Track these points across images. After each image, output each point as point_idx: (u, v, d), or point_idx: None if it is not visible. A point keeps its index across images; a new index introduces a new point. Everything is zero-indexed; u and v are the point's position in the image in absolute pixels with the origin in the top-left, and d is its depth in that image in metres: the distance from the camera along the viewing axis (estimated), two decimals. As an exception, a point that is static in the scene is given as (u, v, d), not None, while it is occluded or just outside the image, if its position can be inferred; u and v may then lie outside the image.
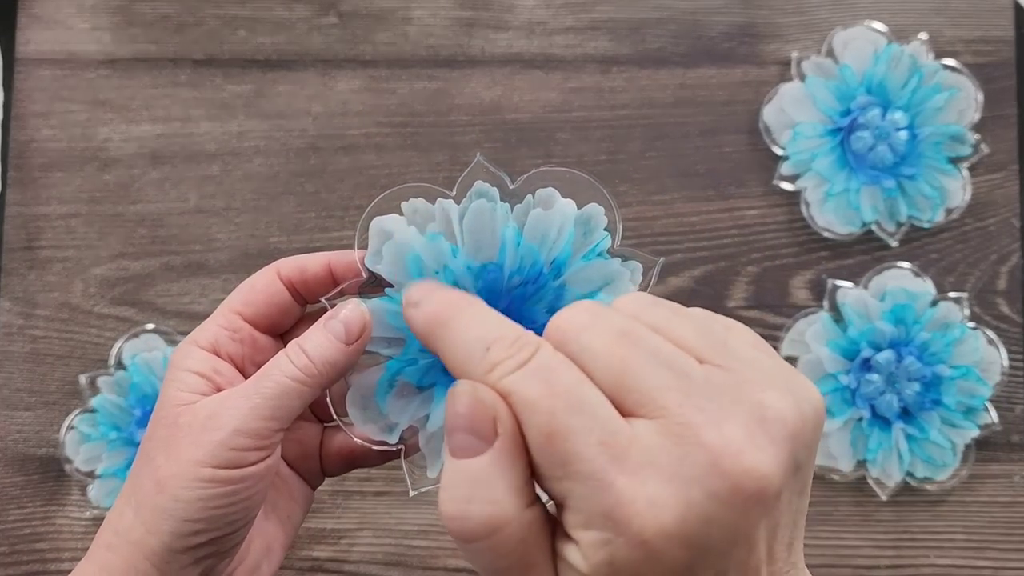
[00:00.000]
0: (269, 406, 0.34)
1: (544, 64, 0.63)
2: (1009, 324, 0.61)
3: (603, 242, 0.37)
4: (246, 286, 0.37)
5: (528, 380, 0.27)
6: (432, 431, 0.37)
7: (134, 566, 0.34)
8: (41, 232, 0.62)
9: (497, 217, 0.36)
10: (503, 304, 0.37)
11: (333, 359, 0.35)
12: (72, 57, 0.63)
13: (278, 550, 0.38)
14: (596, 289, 0.37)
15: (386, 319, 0.36)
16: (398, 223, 0.36)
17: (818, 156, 0.60)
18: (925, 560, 0.59)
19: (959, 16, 0.63)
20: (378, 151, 0.62)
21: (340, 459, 0.40)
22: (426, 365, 0.37)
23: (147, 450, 0.35)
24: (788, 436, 0.26)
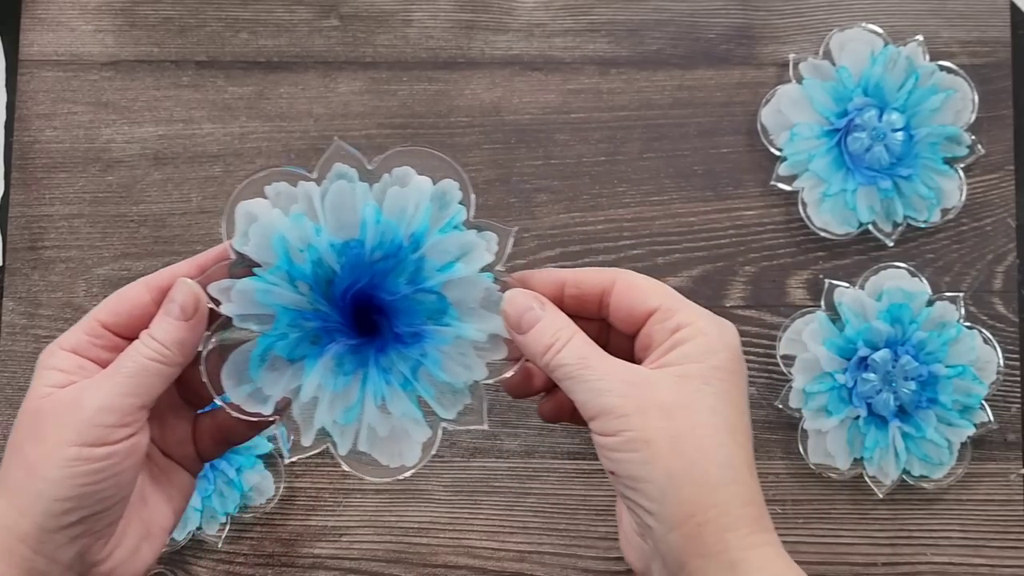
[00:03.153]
0: (130, 383, 0.36)
1: (543, 66, 0.63)
2: (1005, 323, 0.61)
3: (458, 215, 0.39)
4: (114, 297, 0.38)
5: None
6: (305, 401, 0.39)
7: (9, 550, 0.35)
8: (44, 232, 0.62)
9: (357, 196, 0.38)
10: (366, 278, 0.39)
11: (179, 337, 0.37)
12: (75, 59, 0.63)
13: (158, 534, 0.40)
14: (454, 260, 0.39)
15: (256, 297, 0.38)
16: (263, 206, 0.38)
17: (815, 157, 0.60)
18: (922, 558, 0.59)
19: (955, 17, 0.63)
20: (379, 152, 0.62)
21: (213, 441, 0.42)
22: (296, 339, 0.39)
23: (14, 442, 0.36)
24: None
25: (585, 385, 0.36)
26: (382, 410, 0.39)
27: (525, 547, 0.60)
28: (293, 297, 0.38)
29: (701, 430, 0.35)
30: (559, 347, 0.37)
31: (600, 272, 0.39)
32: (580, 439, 0.60)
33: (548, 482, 0.60)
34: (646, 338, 0.38)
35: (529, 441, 0.60)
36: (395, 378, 0.39)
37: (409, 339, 0.39)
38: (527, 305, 0.38)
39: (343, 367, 0.39)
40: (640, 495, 0.35)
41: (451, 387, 0.39)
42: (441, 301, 0.39)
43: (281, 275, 0.38)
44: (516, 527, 0.60)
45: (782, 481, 0.60)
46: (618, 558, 0.59)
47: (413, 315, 0.39)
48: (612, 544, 0.59)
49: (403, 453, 0.40)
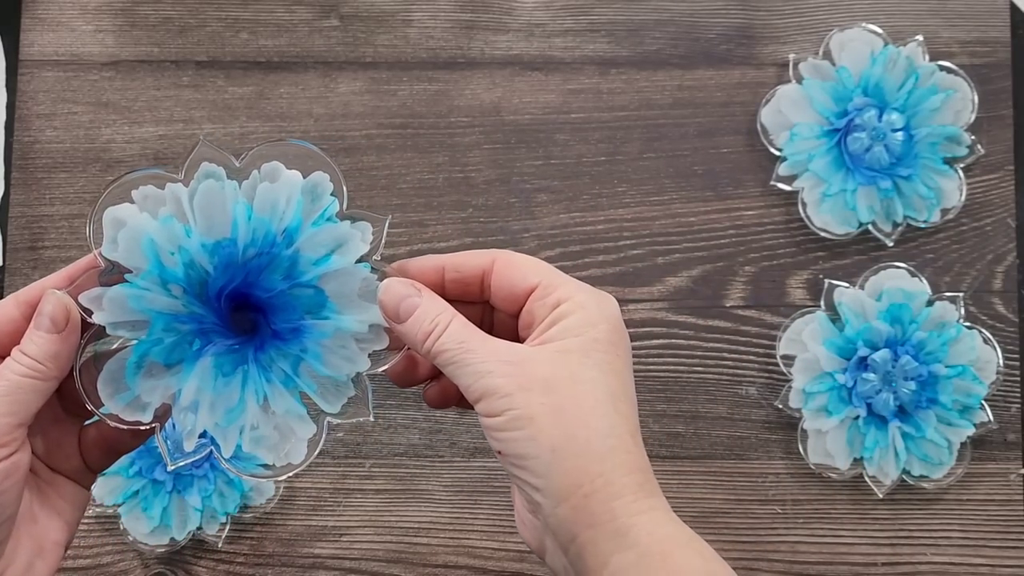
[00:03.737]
0: (5, 402, 0.35)
1: (543, 66, 0.63)
2: (1005, 323, 0.61)
3: (331, 207, 0.39)
4: None
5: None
6: (184, 405, 0.38)
7: None
8: (44, 232, 0.62)
9: (226, 195, 0.38)
10: (240, 276, 0.38)
11: (52, 350, 0.36)
12: (76, 59, 0.63)
13: (52, 549, 0.39)
14: (328, 252, 0.38)
15: (128, 303, 0.37)
16: (130, 211, 0.38)
17: (815, 157, 0.60)
18: (922, 558, 0.60)
19: (955, 18, 0.63)
20: (379, 152, 0.63)
21: (100, 452, 0.41)
22: (172, 343, 0.38)
23: None
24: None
25: (467, 369, 0.36)
26: (264, 409, 0.39)
27: (525, 547, 0.60)
28: (167, 301, 0.37)
29: (582, 401, 0.35)
30: (438, 333, 0.37)
31: (479, 254, 0.39)
32: (580, 439, 0.60)
33: (548, 482, 0.60)
34: (528, 316, 0.38)
35: (529, 441, 0.60)
36: (276, 375, 0.39)
37: (288, 335, 0.39)
38: (403, 293, 0.38)
39: (222, 368, 0.38)
40: (527, 472, 0.35)
41: (334, 381, 0.39)
42: (319, 295, 0.38)
43: (153, 280, 0.37)
44: (516, 527, 0.60)
45: (782, 481, 0.60)
46: (618, 558, 0.59)
47: (291, 311, 0.39)
48: (612, 544, 0.59)
49: (290, 452, 0.39)
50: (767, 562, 0.59)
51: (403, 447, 0.60)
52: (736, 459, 0.60)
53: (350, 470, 0.60)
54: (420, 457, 0.60)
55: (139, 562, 0.59)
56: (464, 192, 0.62)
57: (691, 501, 0.60)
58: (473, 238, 0.62)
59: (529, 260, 0.39)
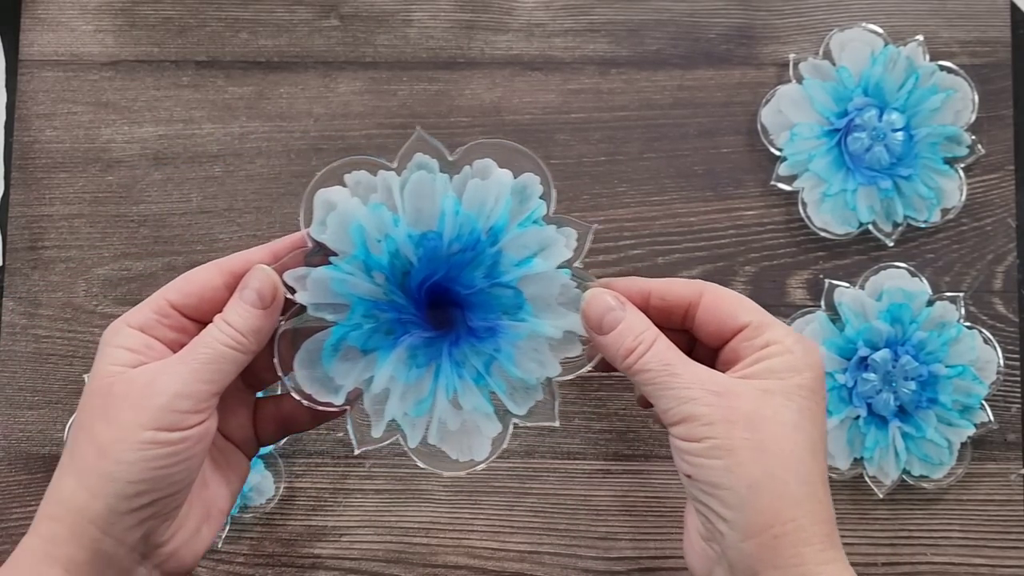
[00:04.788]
0: (207, 370, 0.36)
1: (543, 66, 0.63)
2: (1005, 323, 0.61)
3: (538, 209, 0.39)
4: (184, 278, 0.38)
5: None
6: (376, 392, 0.39)
7: (79, 531, 0.35)
8: (44, 232, 0.62)
9: (437, 187, 0.38)
10: (443, 270, 0.38)
11: (256, 326, 0.37)
12: (75, 59, 0.63)
13: (217, 515, 0.40)
14: (532, 255, 0.38)
15: (331, 286, 0.38)
16: (342, 194, 0.38)
17: (815, 157, 0.60)
18: (922, 558, 0.59)
19: (955, 17, 0.63)
20: (379, 152, 0.63)
21: (274, 425, 0.42)
22: (370, 330, 0.38)
23: (82, 420, 0.36)
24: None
25: (669, 392, 0.36)
26: (453, 404, 0.39)
27: (525, 547, 0.60)
28: (369, 287, 0.38)
29: (784, 444, 0.35)
30: (642, 351, 0.37)
31: (687, 284, 0.39)
32: (580, 439, 0.60)
33: (548, 482, 0.60)
34: (731, 353, 0.38)
35: (529, 441, 0.60)
36: (468, 372, 0.39)
37: (483, 333, 0.39)
38: (608, 305, 0.38)
39: (416, 359, 0.39)
40: (717, 501, 0.35)
41: (523, 383, 0.39)
42: (517, 296, 0.39)
43: (357, 265, 0.38)
44: (516, 527, 0.60)
45: (782, 481, 0.60)
46: (618, 558, 0.59)
47: (488, 309, 0.39)
48: (612, 544, 0.59)
49: (473, 447, 0.39)
50: (767, 562, 0.59)
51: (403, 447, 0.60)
52: (736, 459, 0.60)
53: (350, 470, 0.60)
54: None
55: (139, 562, 0.59)
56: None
57: (691, 501, 0.60)
58: (473, 238, 0.62)
59: (738, 298, 0.39)
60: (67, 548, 0.35)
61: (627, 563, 0.59)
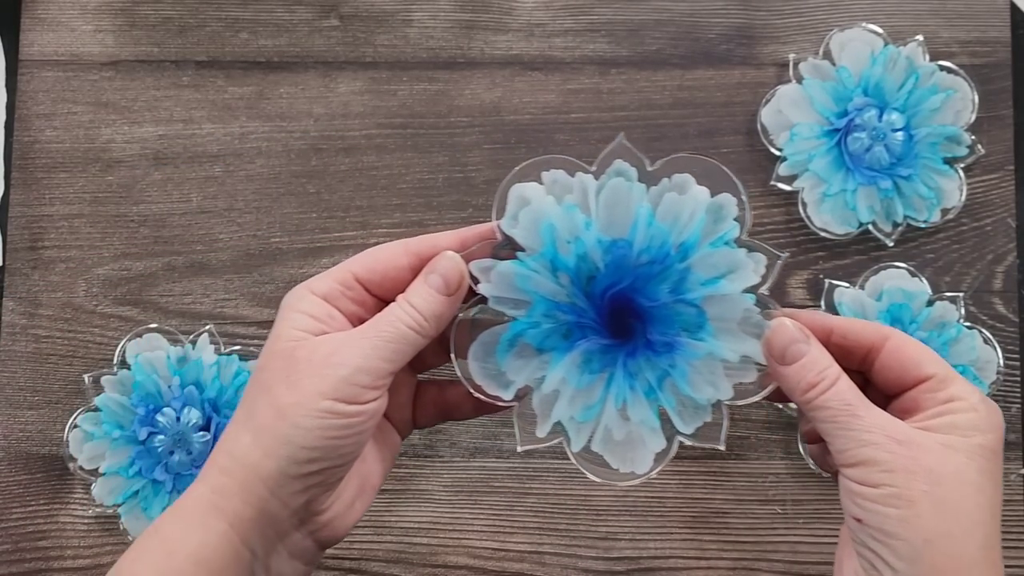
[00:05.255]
0: (389, 348, 0.37)
1: (543, 66, 0.63)
2: (1005, 324, 0.61)
3: (731, 231, 0.38)
4: (370, 253, 0.39)
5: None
6: (546, 393, 0.39)
7: (249, 487, 0.36)
8: (45, 232, 0.62)
9: (633, 196, 0.38)
10: (628, 280, 0.38)
11: (438, 311, 0.38)
12: (75, 59, 0.63)
13: (370, 491, 0.41)
14: (720, 276, 0.38)
15: (515, 281, 0.38)
16: (537, 191, 0.38)
17: (815, 157, 0.60)
18: (921, 558, 0.59)
19: (955, 17, 0.63)
20: (379, 152, 0.63)
21: (434, 410, 0.43)
22: (547, 330, 0.38)
23: (263, 380, 0.37)
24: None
25: (849, 433, 0.36)
26: (621, 414, 0.39)
27: (525, 547, 0.60)
28: (552, 287, 0.38)
29: (966, 503, 0.35)
30: (823, 388, 0.37)
31: (871, 327, 0.39)
32: (580, 439, 0.60)
33: (548, 482, 0.60)
34: (911, 402, 0.38)
35: (529, 441, 0.60)
36: (640, 384, 0.39)
37: (661, 348, 0.39)
38: (793, 337, 0.37)
39: (590, 365, 0.39)
40: (888, 551, 0.35)
41: (694, 402, 0.39)
42: (700, 315, 0.38)
43: (544, 263, 0.38)
44: (516, 527, 0.60)
45: (782, 481, 0.60)
46: (618, 558, 0.59)
47: (669, 324, 0.38)
48: (612, 544, 0.59)
49: (635, 460, 0.39)
50: (767, 562, 0.59)
51: (403, 447, 0.60)
52: (736, 459, 0.60)
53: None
54: (420, 457, 0.60)
55: (139, 562, 0.59)
56: (464, 192, 0.62)
57: (691, 501, 0.60)
58: (473, 238, 0.62)
59: (923, 348, 0.38)
60: (234, 502, 0.36)
61: (627, 563, 0.59)
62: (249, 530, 0.36)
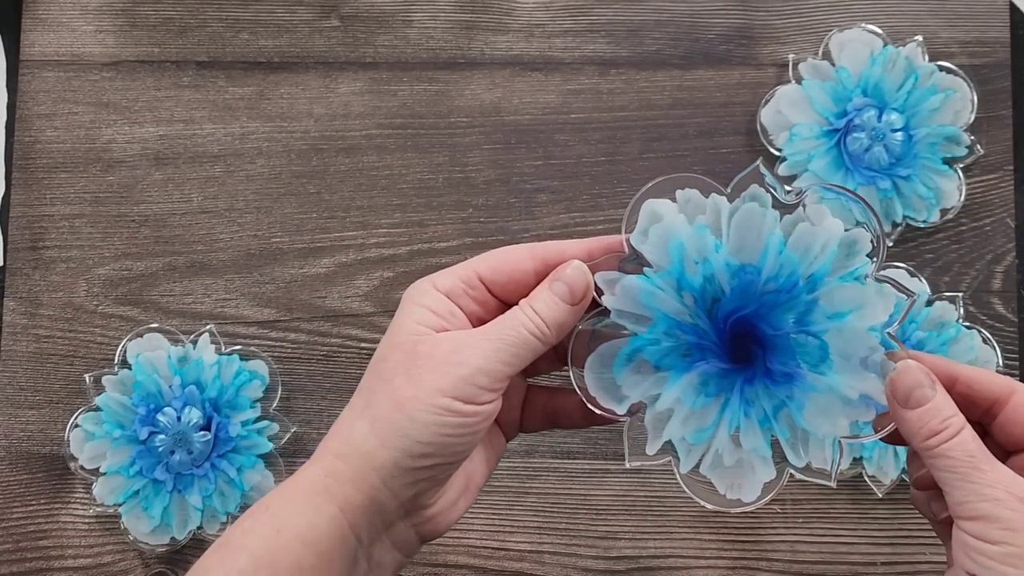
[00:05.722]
0: (509, 352, 0.37)
1: (543, 66, 0.63)
2: (1004, 324, 0.61)
3: (863, 267, 0.38)
4: (497, 255, 0.39)
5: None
6: (660, 411, 0.38)
7: (362, 474, 0.36)
8: (45, 232, 0.62)
9: (766, 222, 0.38)
10: (753, 306, 0.38)
11: (561, 320, 0.38)
12: (76, 59, 0.63)
13: (474, 489, 0.41)
14: (847, 311, 0.37)
15: (639, 296, 0.38)
16: (669, 208, 0.38)
17: (815, 157, 0.60)
18: (921, 557, 0.60)
19: (955, 18, 0.64)
20: (379, 152, 0.63)
21: (542, 415, 0.43)
22: (668, 348, 0.38)
23: (382, 371, 0.37)
24: None
25: (970, 486, 0.35)
26: (733, 440, 0.38)
27: (525, 547, 0.60)
28: (676, 306, 0.38)
29: None
30: (946, 437, 0.36)
31: (998, 379, 0.38)
32: (580, 438, 0.61)
33: (548, 482, 0.60)
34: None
35: (529, 441, 0.60)
36: (755, 412, 0.38)
37: (780, 378, 0.38)
38: (919, 382, 0.37)
39: (707, 388, 0.38)
40: None
41: (808, 435, 0.38)
42: (823, 348, 0.38)
43: (670, 281, 0.38)
44: (516, 526, 0.60)
45: (782, 481, 0.60)
46: (618, 557, 0.59)
47: (790, 355, 0.38)
48: (612, 544, 0.60)
49: (743, 487, 0.39)
50: (767, 562, 0.59)
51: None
52: (736, 459, 0.60)
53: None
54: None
55: (140, 562, 0.59)
56: (464, 192, 0.62)
57: (691, 500, 0.60)
58: (473, 238, 0.62)
59: None
60: (346, 488, 0.36)
61: (627, 562, 0.59)
62: (358, 516, 0.37)
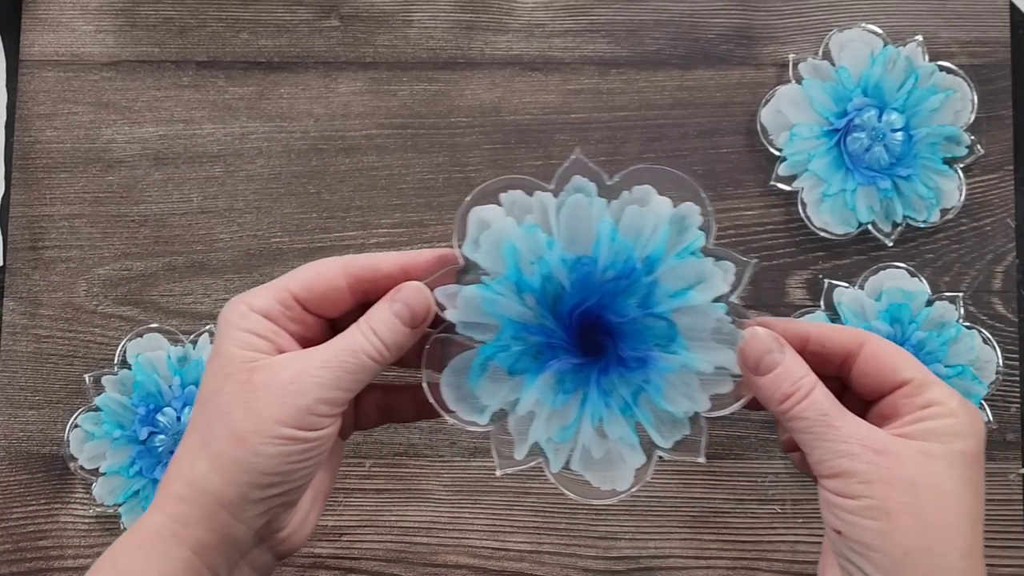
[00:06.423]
0: (348, 379, 0.37)
1: (543, 66, 0.63)
2: (1004, 323, 0.61)
3: (696, 241, 0.37)
4: (309, 271, 0.38)
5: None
6: (521, 415, 0.38)
7: (211, 514, 0.36)
8: (45, 232, 0.62)
9: (593, 212, 0.37)
10: (595, 297, 0.38)
11: (402, 342, 0.37)
12: (76, 59, 0.63)
13: (322, 499, 0.41)
14: (688, 287, 0.37)
15: (481, 306, 0.37)
16: (496, 213, 0.38)
17: (815, 157, 0.60)
18: (921, 557, 0.60)
19: (955, 18, 0.63)
20: (379, 152, 0.63)
21: (377, 414, 0.43)
22: (518, 352, 0.38)
23: (218, 405, 0.36)
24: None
25: (826, 444, 0.35)
26: (599, 432, 0.38)
27: (525, 547, 0.60)
28: (519, 309, 0.38)
29: (946, 514, 0.34)
30: (799, 398, 0.36)
31: (847, 332, 0.38)
32: (580, 439, 0.61)
33: (548, 482, 0.60)
34: (888, 408, 0.37)
35: (529, 441, 0.60)
36: (615, 401, 0.38)
37: (633, 363, 0.38)
38: (768, 347, 0.37)
39: (564, 385, 0.38)
40: (867, 563, 0.34)
41: (671, 416, 0.38)
42: (670, 328, 0.38)
43: (509, 286, 0.37)
44: (516, 527, 0.60)
45: (782, 481, 0.60)
46: (618, 557, 0.59)
47: (640, 339, 0.38)
48: (612, 544, 0.60)
49: (615, 477, 0.39)
50: (767, 562, 0.59)
51: (403, 447, 0.61)
52: (736, 459, 0.60)
53: (350, 470, 0.60)
54: (420, 457, 0.60)
55: (139, 562, 0.59)
56: (464, 192, 0.62)
57: (691, 501, 0.60)
58: (473, 238, 0.62)
59: (901, 353, 0.38)
60: (197, 530, 0.36)
61: (627, 562, 0.59)
62: (213, 555, 0.36)
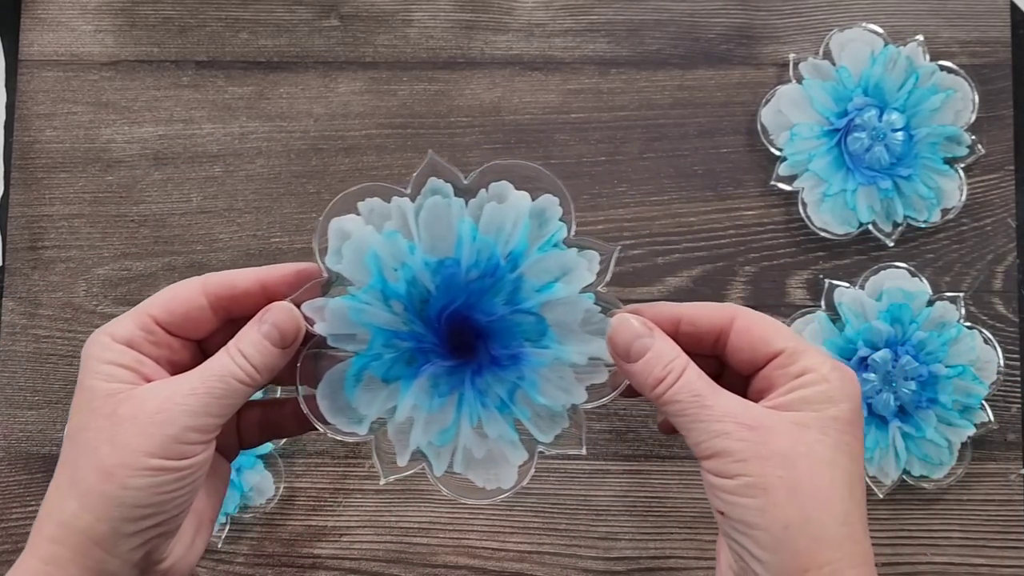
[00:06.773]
0: (217, 404, 0.36)
1: (543, 66, 0.63)
2: (1005, 323, 0.61)
3: (558, 232, 0.38)
4: (167, 294, 0.38)
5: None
6: (400, 422, 0.38)
7: (84, 552, 0.35)
8: (44, 232, 0.62)
9: (452, 212, 0.37)
10: (462, 298, 0.38)
11: (272, 364, 0.37)
12: (75, 59, 0.63)
13: (207, 524, 0.40)
14: (553, 280, 0.37)
15: (349, 316, 0.37)
16: (356, 223, 0.37)
17: (815, 157, 0.60)
18: (922, 558, 0.59)
19: (955, 17, 0.63)
20: (379, 152, 0.63)
21: (258, 431, 0.42)
22: (391, 359, 0.38)
23: (85, 441, 0.35)
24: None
25: (700, 425, 0.35)
26: (478, 432, 0.38)
27: (525, 547, 0.60)
28: (387, 317, 0.37)
29: (820, 483, 0.34)
30: (671, 381, 0.36)
31: (716, 308, 0.38)
32: (580, 439, 0.60)
33: (548, 482, 0.60)
34: (764, 381, 0.37)
35: (529, 441, 0.60)
36: (491, 400, 0.38)
37: (506, 361, 0.38)
38: (636, 332, 0.37)
39: (438, 388, 0.38)
40: (751, 541, 0.34)
41: (549, 410, 0.38)
42: (540, 323, 0.38)
43: (375, 294, 0.37)
44: (516, 527, 0.60)
45: (782, 481, 0.60)
46: (618, 558, 0.59)
47: (510, 337, 0.38)
48: (612, 544, 0.59)
49: (499, 476, 0.39)
50: (767, 562, 0.59)
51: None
52: (736, 459, 0.60)
53: (350, 470, 0.60)
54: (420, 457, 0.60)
55: (139, 562, 0.59)
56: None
57: (691, 501, 0.60)
58: (473, 238, 0.62)
59: (772, 323, 0.37)
60: (71, 569, 0.35)
61: (627, 563, 0.59)
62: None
